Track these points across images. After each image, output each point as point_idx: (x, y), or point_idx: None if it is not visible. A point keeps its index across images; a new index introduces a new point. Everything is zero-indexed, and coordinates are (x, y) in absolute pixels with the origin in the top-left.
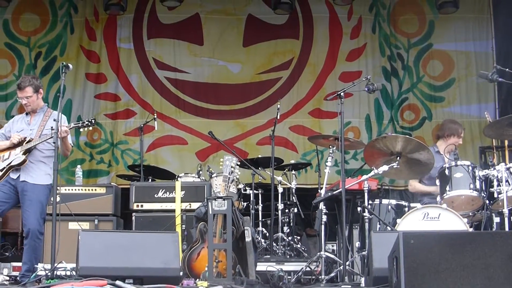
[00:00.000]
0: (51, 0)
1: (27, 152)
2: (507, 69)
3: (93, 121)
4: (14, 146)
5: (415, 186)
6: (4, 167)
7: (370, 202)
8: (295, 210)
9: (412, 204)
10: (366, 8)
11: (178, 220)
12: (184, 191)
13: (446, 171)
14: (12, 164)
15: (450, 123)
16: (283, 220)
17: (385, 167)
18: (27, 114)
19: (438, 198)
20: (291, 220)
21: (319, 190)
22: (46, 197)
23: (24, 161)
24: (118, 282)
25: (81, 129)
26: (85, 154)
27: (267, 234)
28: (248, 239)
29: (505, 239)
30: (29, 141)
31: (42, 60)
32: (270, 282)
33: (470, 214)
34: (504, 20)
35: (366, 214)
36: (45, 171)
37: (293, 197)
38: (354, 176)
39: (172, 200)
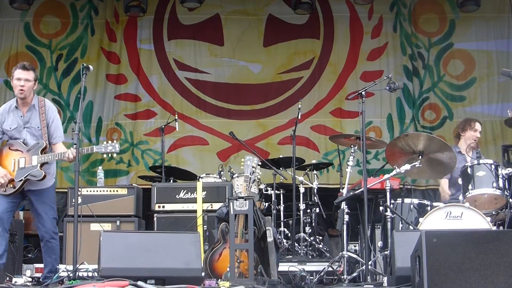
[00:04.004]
0: (72, 2)
1: (44, 164)
2: None
3: (116, 146)
4: (26, 151)
5: (445, 189)
6: (22, 179)
7: (392, 201)
8: (317, 210)
9: (434, 203)
10: (387, 7)
11: (199, 221)
12: (205, 192)
13: (469, 170)
14: (30, 178)
15: (463, 119)
16: (305, 220)
17: (407, 166)
18: (16, 107)
19: (461, 197)
20: (313, 220)
21: (341, 190)
22: (54, 197)
23: (44, 177)
24: (140, 283)
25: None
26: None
27: (289, 235)
28: (270, 239)
29: None
30: (44, 148)
31: (63, 62)
32: (292, 282)
33: (493, 212)
34: None
35: (388, 213)
36: (48, 173)
37: (315, 197)
38: (376, 176)
39: (194, 200)
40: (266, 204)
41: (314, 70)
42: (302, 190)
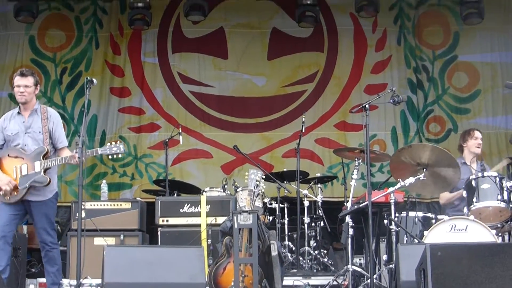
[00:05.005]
0: (76, 16)
1: (47, 169)
2: None
3: (121, 147)
4: (27, 157)
5: (444, 197)
6: (26, 186)
7: (397, 214)
8: (321, 223)
9: (439, 216)
10: (390, 20)
11: (203, 235)
12: (209, 206)
13: (473, 182)
14: (35, 185)
15: (462, 132)
16: (309, 234)
17: (411, 179)
18: (18, 113)
19: (465, 210)
20: (318, 234)
21: (345, 203)
22: (54, 207)
23: (49, 182)
24: None
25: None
26: (107, 167)
27: (294, 248)
28: (274, 253)
29: None
30: (46, 153)
31: (67, 75)
32: None
33: (498, 225)
34: None
35: (393, 226)
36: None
37: (319, 211)
38: (380, 189)
39: (198, 214)
40: (271, 217)
41: (318, 83)
42: (306, 203)
